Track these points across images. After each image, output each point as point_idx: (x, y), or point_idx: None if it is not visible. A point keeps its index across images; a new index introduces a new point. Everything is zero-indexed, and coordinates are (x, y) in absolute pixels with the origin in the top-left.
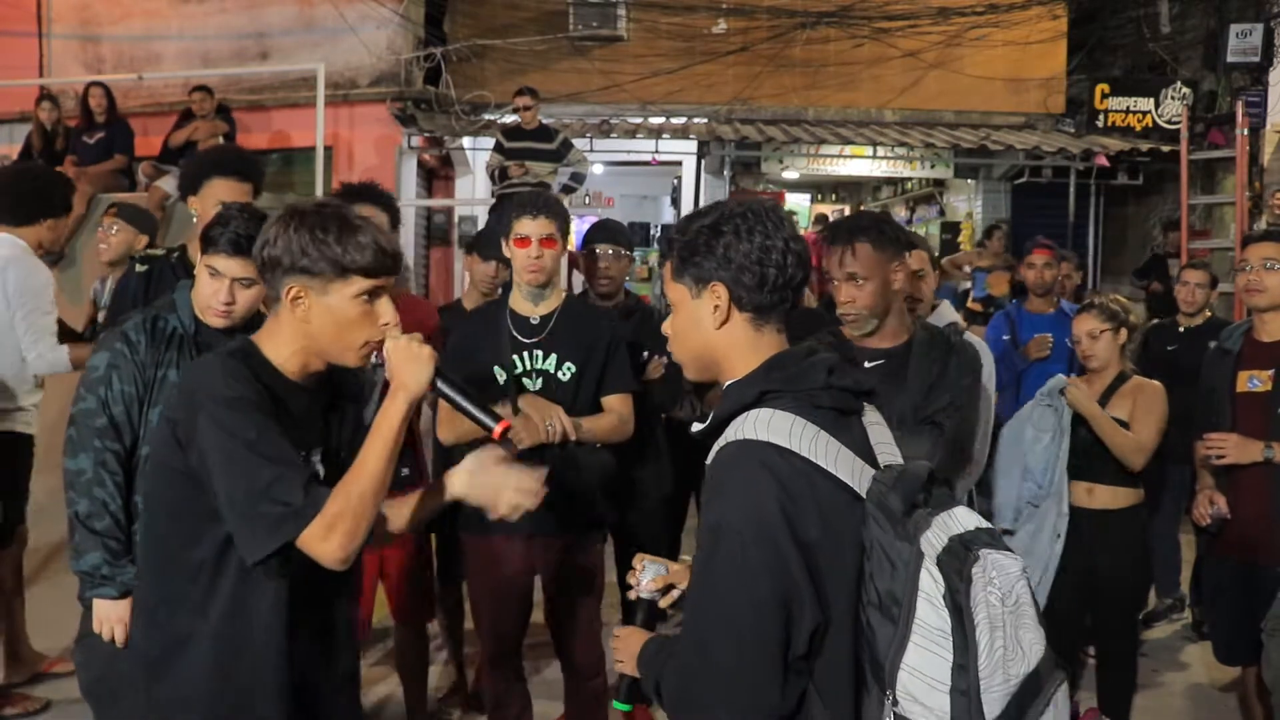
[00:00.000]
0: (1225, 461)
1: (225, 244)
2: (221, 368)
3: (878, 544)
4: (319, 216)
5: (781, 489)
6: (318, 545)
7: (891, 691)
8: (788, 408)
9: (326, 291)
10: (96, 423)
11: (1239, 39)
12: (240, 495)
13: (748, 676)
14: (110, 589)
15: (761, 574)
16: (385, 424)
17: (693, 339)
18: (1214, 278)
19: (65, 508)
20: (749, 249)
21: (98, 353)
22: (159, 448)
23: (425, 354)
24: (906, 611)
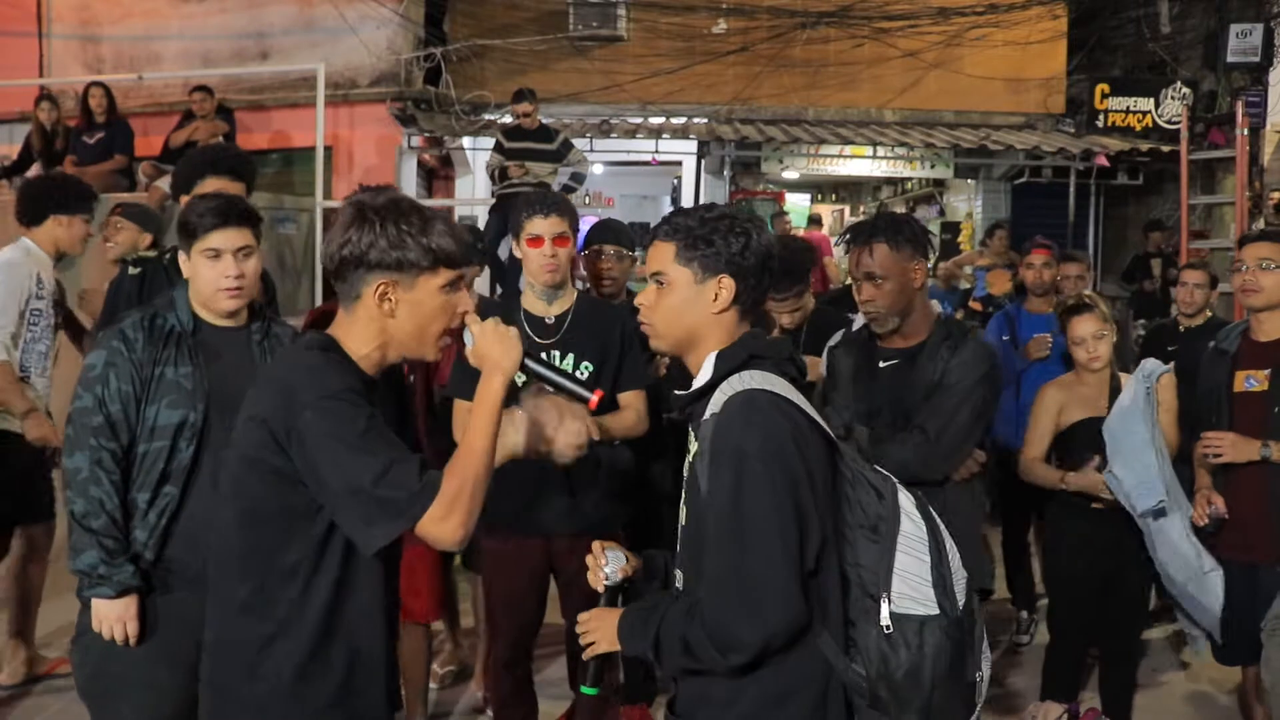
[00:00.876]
0: (1223, 460)
1: (214, 219)
2: (321, 363)
3: (861, 474)
4: (399, 211)
5: (792, 426)
6: (437, 527)
7: (887, 593)
8: (769, 369)
9: (414, 285)
10: (93, 421)
11: (1239, 39)
12: (358, 486)
13: (778, 584)
14: (107, 588)
15: (785, 493)
16: (486, 406)
17: (683, 319)
18: (1214, 278)
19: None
20: (759, 250)
21: (95, 351)
22: (250, 448)
23: (513, 334)
24: (893, 526)
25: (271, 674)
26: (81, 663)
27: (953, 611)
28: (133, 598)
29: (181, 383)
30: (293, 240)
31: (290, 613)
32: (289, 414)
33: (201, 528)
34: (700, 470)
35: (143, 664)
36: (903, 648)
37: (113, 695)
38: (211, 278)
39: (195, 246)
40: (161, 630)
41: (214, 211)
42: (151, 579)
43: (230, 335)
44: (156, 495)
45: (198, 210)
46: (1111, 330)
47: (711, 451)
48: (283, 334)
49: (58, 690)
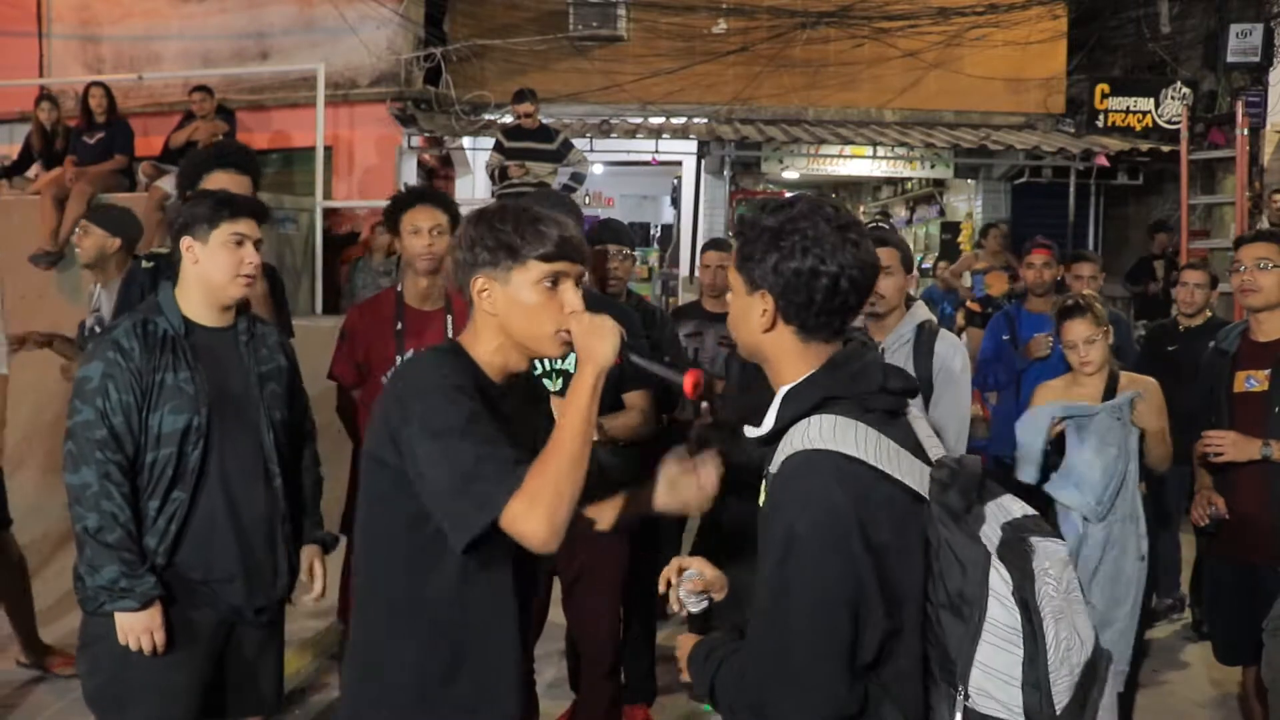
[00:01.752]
0: (1223, 459)
1: (240, 206)
2: (434, 361)
3: (945, 544)
4: (499, 211)
5: (853, 497)
6: (520, 523)
7: (964, 687)
8: (847, 413)
9: (508, 280)
10: (97, 434)
11: (1239, 39)
12: (446, 478)
13: (820, 679)
14: (132, 600)
15: (834, 580)
16: (577, 399)
17: (742, 330)
18: (1214, 278)
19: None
20: (800, 269)
21: (90, 363)
22: (372, 446)
23: (610, 326)
24: (978, 611)
25: (398, 673)
26: (91, 671)
27: (1043, 717)
28: (157, 607)
29: (183, 387)
30: (293, 240)
31: (416, 611)
32: (396, 409)
33: (211, 530)
34: (763, 526)
35: (158, 670)
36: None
37: (126, 702)
38: (232, 264)
39: (218, 232)
40: (176, 634)
41: (238, 199)
42: (166, 584)
43: (220, 335)
44: (166, 501)
45: (219, 197)
46: (1105, 333)
47: (768, 515)
48: (267, 334)
49: (58, 691)
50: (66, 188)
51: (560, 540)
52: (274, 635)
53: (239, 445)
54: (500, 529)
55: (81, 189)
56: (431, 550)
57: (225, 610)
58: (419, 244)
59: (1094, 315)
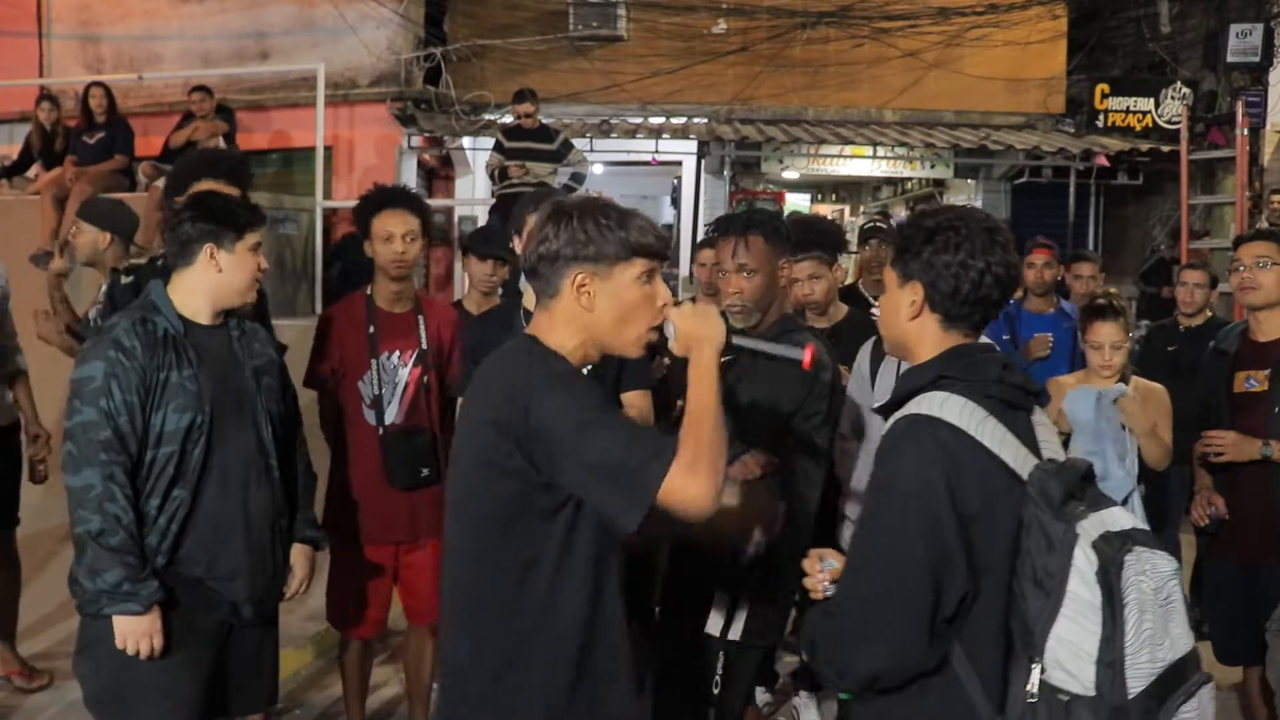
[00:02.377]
0: (1224, 459)
1: (260, 217)
2: (535, 354)
3: (1037, 522)
4: (597, 207)
5: (947, 461)
6: (684, 489)
7: (1039, 658)
8: (961, 393)
9: (610, 276)
10: (100, 435)
11: (1239, 39)
12: (605, 461)
13: (894, 629)
14: (135, 604)
15: (918, 536)
16: (705, 374)
17: (891, 321)
18: (1214, 278)
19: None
20: (950, 261)
21: (90, 362)
22: (481, 452)
23: (714, 311)
24: (1059, 584)
25: (525, 685)
26: (93, 674)
27: (1115, 699)
28: (157, 611)
29: (186, 385)
30: (293, 240)
31: (537, 624)
32: (520, 408)
33: (213, 527)
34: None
35: (159, 671)
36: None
37: (129, 704)
38: (254, 269)
39: (246, 240)
40: (176, 635)
41: (254, 207)
42: (166, 584)
43: (215, 334)
44: (166, 500)
45: (236, 206)
46: (1129, 340)
47: (873, 470)
48: (255, 329)
49: (58, 691)
50: (66, 188)
51: (718, 504)
52: (270, 632)
53: (239, 441)
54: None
55: (81, 189)
56: (551, 556)
57: (225, 609)
58: (391, 251)
59: (1124, 320)
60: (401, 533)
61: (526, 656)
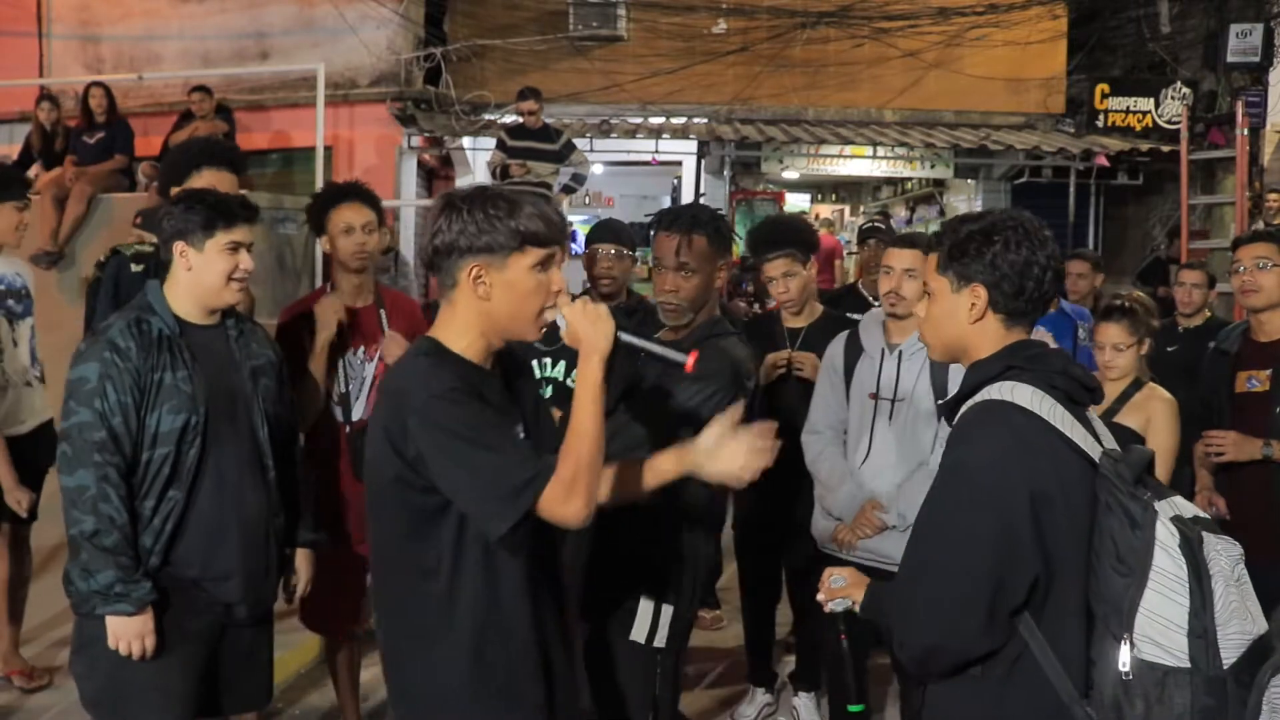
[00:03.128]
0: (1224, 459)
1: (240, 212)
2: (427, 366)
3: (1118, 502)
4: (487, 196)
5: (1020, 443)
6: (560, 508)
7: (1129, 634)
8: (1029, 381)
9: (505, 266)
10: (95, 436)
11: (1239, 39)
12: (473, 480)
13: (952, 606)
14: (126, 605)
15: (987, 513)
16: (588, 387)
17: (946, 327)
18: (1212, 278)
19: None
20: (1015, 260)
21: (85, 364)
22: (375, 456)
23: (604, 312)
24: (1143, 559)
25: (437, 675)
26: (89, 674)
27: (1210, 669)
28: (149, 612)
29: (181, 386)
30: (293, 240)
31: (443, 616)
32: (402, 420)
33: (208, 528)
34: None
35: (155, 670)
36: (1140, 700)
37: (125, 703)
38: (226, 270)
39: (216, 238)
40: (171, 634)
41: (239, 205)
42: (160, 584)
43: (210, 333)
44: (161, 501)
45: (213, 204)
46: (1139, 343)
47: (945, 451)
48: (253, 330)
49: (59, 692)
50: (66, 188)
51: (591, 518)
52: (264, 631)
53: (235, 442)
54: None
55: (81, 189)
56: (446, 555)
57: (219, 609)
58: (353, 243)
59: (1131, 323)
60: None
61: (431, 657)
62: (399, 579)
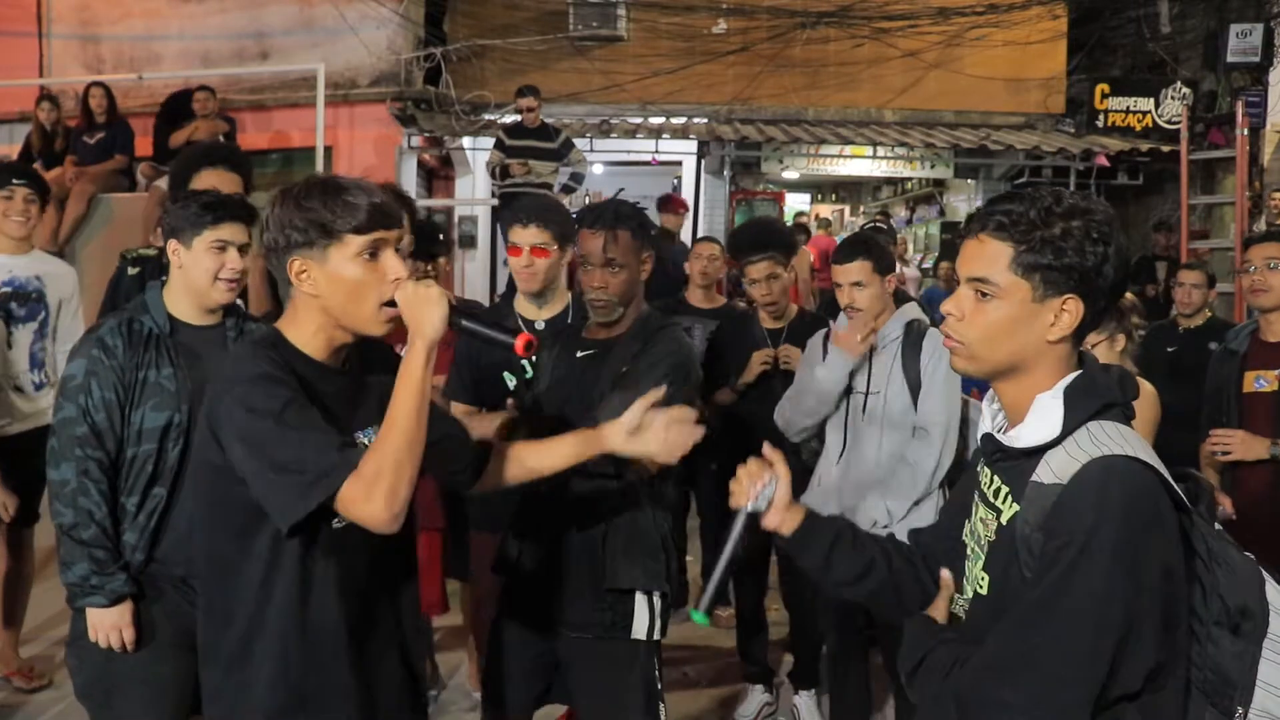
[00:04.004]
0: (1231, 458)
1: (226, 210)
2: (248, 353)
3: (1217, 555)
4: (303, 187)
5: (1151, 509)
6: (360, 507)
7: (1244, 709)
8: (1118, 419)
9: (325, 259)
10: (77, 431)
11: (1239, 39)
12: (268, 463)
13: (1065, 694)
14: (100, 597)
15: (1118, 601)
16: (408, 375)
17: (1009, 343)
18: (1212, 277)
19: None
20: (1119, 267)
21: (74, 360)
22: (199, 446)
23: (435, 294)
24: (1260, 625)
25: (247, 680)
26: (80, 666)
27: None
28: (127, 605)
29: (164, 384)
30: None
31: (255, 620)
32: (215, 404)
33: (190, 527)
34: (1022, 542)
35: (143, 663)
36: None
37: (115, 695)
38: (213, 268)
39: (202, 236)
40: (158, 628)
41: (225, 203)
42: (143, 581)
43: (207, 334)
44: (145, 498)
45: (205, 200)
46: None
47: (1048, 529)
48: (256, 331)
49: (58, 691)
50: (66, 188)
51: (401, 521)
52: None
53: None
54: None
55: (82, 189)
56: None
57: None
58: None
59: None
60: None
61: (245, 652)
62: (215, 573)
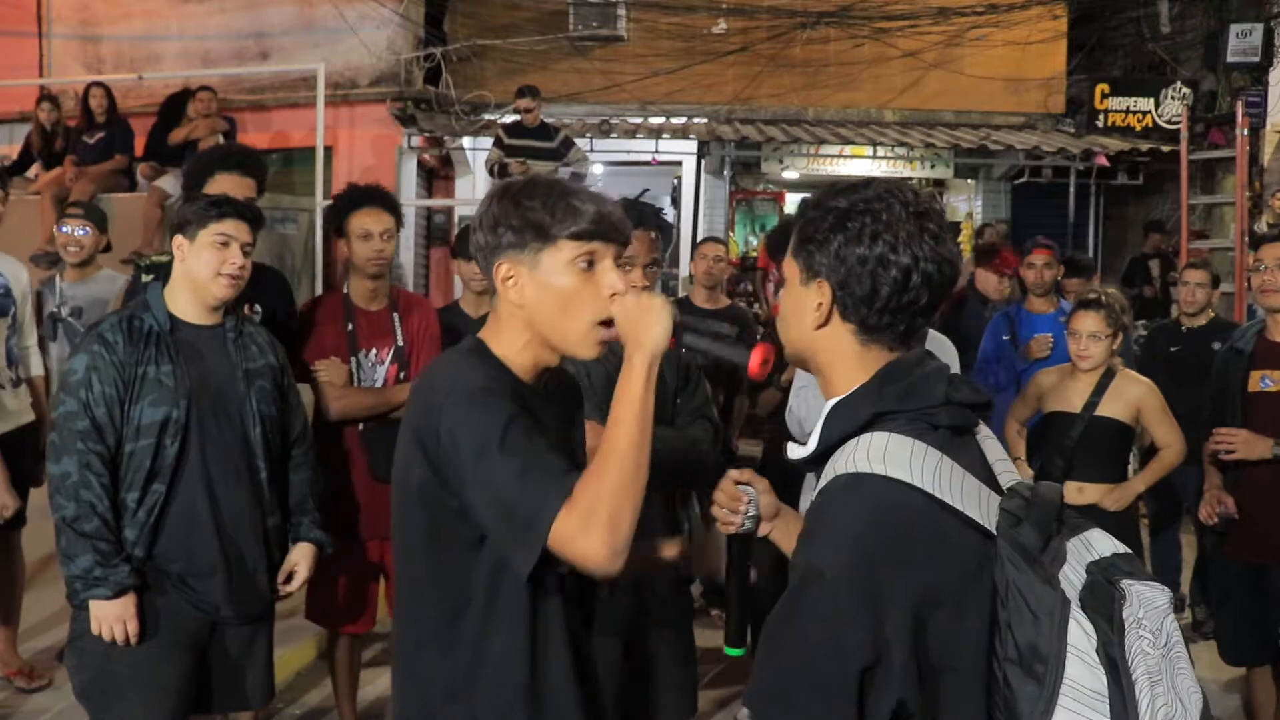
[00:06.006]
0: (1234, 457)
1: (228, 207)
2: (460, 363)
3: (1015, 588)
4: (525, 185)
5: (894, 531)
6: (576, 544)
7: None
8: (904, 430)
9: (537, 264)
10: (78, 425)
11: (1239, 39)
12: (495, 494)
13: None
14: (104, 589)
15: (853, 626)
16: (627, 394)
17: (792, 327)
18: (1216, 277)
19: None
20: (865, 255)
21: (76, 356)
22: (402, 460)
23: (658, 304)
24: (1054, 670)
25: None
26: (79, 666)
27: None
28: (131, 597)
29: (163, 380)
30: (292, 240)
31: (471, 661)
32: (430, 417)
33: (190, 522)
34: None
35: (142, 662)
36: None
37: (114, 695)
38: (215, 263)
39: (204, 231)
40: (159, 629)
41: (228, 201)
42: (145, 577)
43: (206, 333)
44: (145, 493)
45: (209, 198)
46: (1114, 336)
47: (801, 539)
48: (256, 333)
49: (58, 692)
50: (66, 188)
51: (623, 562)
52: (260, 630)
53: (222, 440)
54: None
55: (82, 189)
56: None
57: (208, 608)
58: (368, 249)
59: (1107, 313)
60: (385, 528)
61: (465, 698)
62: (418, 617)
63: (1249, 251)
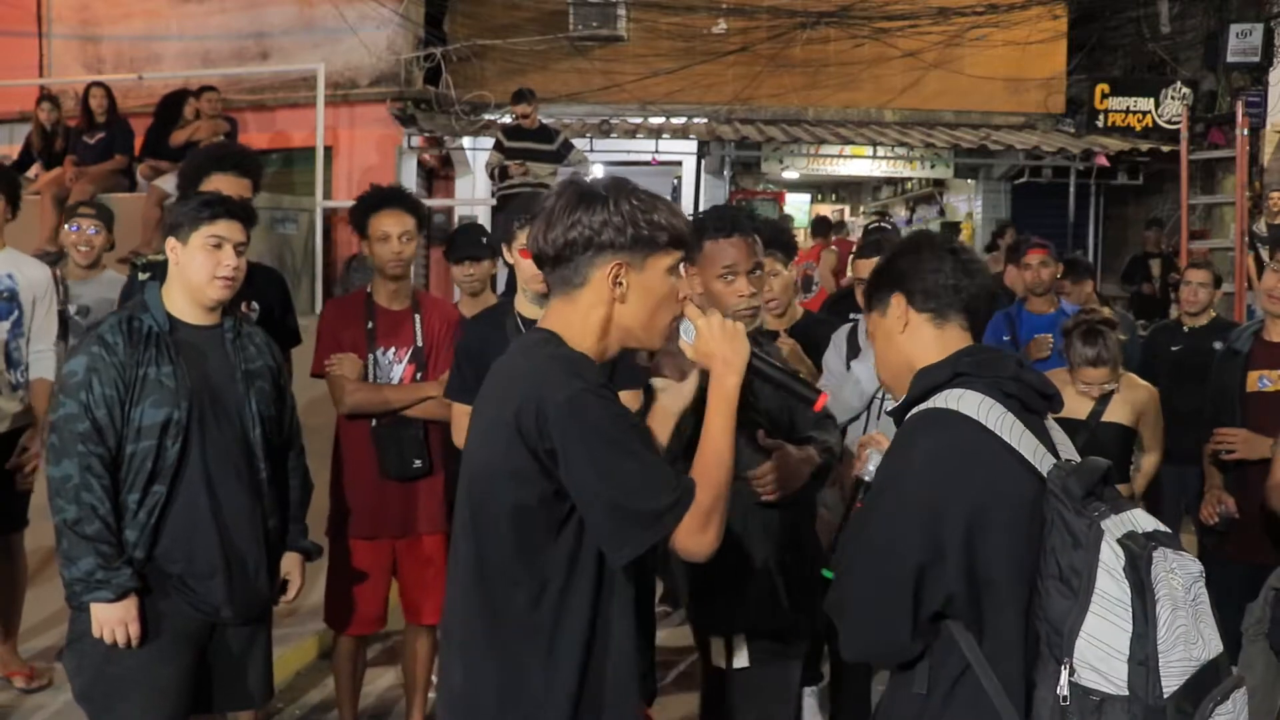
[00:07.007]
0: (1234, 457)
1: (221, 209)
2: (566, 356)
3: (1059, 519)
4: (630, 189)
5: (960, 454)
6: (694, 540)
7: (1069, 659)
8: (978, 389)
9: (644, 267)
10: (79, 427)
11: (1239, 39)
12: (615, 492)
13: (878, 612)
14: (107, 591)
15: (914, 528)
16: (723, 408)
17: (889, 353)
18: (1218, 277)
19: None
20: (914, 259)
21: (75, 358)
22: (494, 458)
23: (740, 330)
24: (1087, 581)
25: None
26: (79, 668)
27: (1150, 698)
28: (133, 599)
29: (164, 382)
30: (292, 240)
31: (549, 645)
32: (541, 412)
33: (191, 523)
34: None
35: (143, 664)
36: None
37: (114, 697)
38: (209, 265)
39: (197, 233)
40: (160, 630)
41: (220, 202)
42: (145, 578)
43: (205, 333)
44: (146, 495)
45: (202, 199)
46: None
47: (883, 463)
48: (254, 333)
49: (58, 692)
50: (66, 188)
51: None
52: (260, 631)
53: (222, 440)
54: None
55: (82, 189)
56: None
57: (208, 609)
58: (388, 250)
59: (1111, 368)
60: (397, 528)
61: (528, 679)
62: (491, 596)
63: (1248, 251)
